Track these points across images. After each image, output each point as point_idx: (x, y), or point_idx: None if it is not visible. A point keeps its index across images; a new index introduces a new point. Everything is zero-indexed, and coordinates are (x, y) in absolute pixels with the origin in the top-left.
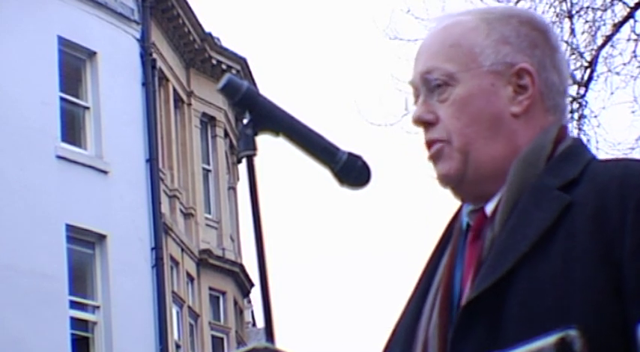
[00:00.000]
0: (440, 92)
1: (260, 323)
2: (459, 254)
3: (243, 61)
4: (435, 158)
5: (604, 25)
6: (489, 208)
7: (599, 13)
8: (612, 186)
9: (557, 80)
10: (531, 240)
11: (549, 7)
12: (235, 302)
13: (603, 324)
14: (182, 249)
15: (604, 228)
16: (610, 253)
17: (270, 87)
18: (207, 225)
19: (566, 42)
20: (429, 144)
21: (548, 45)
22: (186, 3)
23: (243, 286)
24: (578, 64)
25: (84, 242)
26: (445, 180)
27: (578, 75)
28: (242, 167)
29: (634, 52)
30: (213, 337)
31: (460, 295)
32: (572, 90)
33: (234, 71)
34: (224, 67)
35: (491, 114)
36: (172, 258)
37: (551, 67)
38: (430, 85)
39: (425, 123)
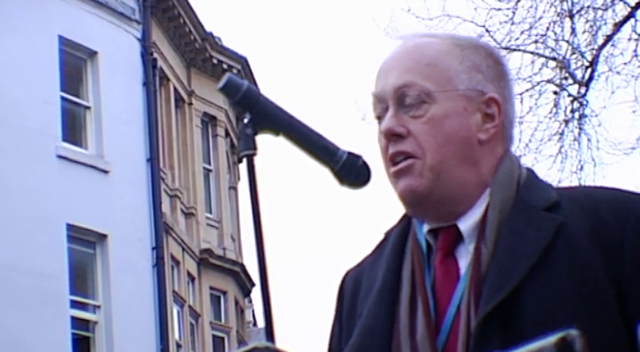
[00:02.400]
0: (415, 108)
1: (261, 322)
2: (426, 272)
3: (243, 61)
4: (402, 173)
5: (605, 24)
6: (464, 227)
7: (599, 12)
8: (602, 209)
9: (512, 112)
10: (534, 256)
11: (550, 7)
12: (236, 302)
13: (611, 334)
14: (183, 249)
15: (602, 247)
16: (610, 272)
17: (271, 86)
18: (208, 224)
19: (567, 41)
20: (396, 155)
21: (507, 78)
22: (187, 3)
23: (244, 286)
24: (579, 63)
25: (84, 241)
26: (410, 195)
27: (578, 74)
28: (243, 166)
29: (635, 51)
30: (214, 337)
31: (435, 309)
32: (573, 89)
33: (234, 71)
34: (225, 66)
35: (463, 137)
36: (173, 258)
37: (509, 99)
38: (404, 100)
39: (394, 135)
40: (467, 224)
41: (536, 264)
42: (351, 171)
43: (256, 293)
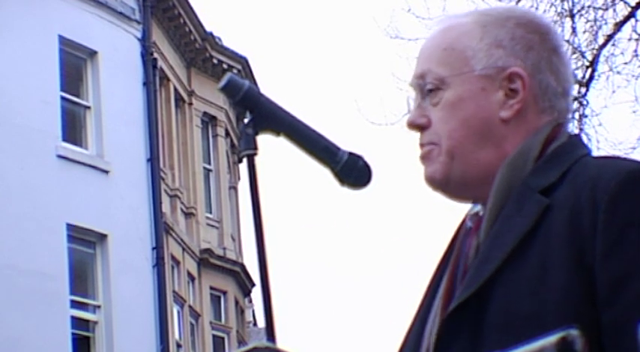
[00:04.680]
0: (432, 96)
1: (261, 322)
2: (462, 257)
3: (244, 61)
4: (423, 159)
5: (605, 24)
6: (482, 212)
7: (600, 12)
8: (586, 189)
9: (553, 82)
10: (509, 247)
11: (550, 6)
12: (236, 302)
13: (580, 328)
14: (183, 249)
15: (577, 233)
16: (583, 257)
17: (271, 86)
18: (208, 224)
19: (568, 41)
20: (421, 147)
21: (545, 47)
22: (187, 2)
23: (244, 286)
24: (580, 63)
25: (85, 241)
26: (430, 182)
27: (579, 74)
28: (243, 166)
29: (635, 51)
30: (214, 336)
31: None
32: (574, 89)
33: (235, 71)
34: (225, 66)
35: (481, 118)
36: (173, 258)
37: (547, 69)
38: (423, 89)
39: (418, 127)
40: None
41: (512, 253)
42: (352, 172)
43: (256, 293)
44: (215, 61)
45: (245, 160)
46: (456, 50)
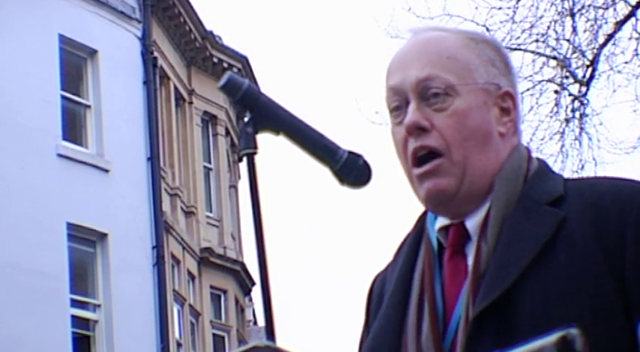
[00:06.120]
0: (438, 101)
1: (261, 321)
2: (436, 270)
3: (244, 60)
4: (431, 173)
5: (606, 23)
6: (470, 224)
7: (600, 11)
8: (605, 202)
9: (521, 106)
10: (533, 252)
11: (551, 6)
12: (236, 301)
13: (611, 330)
14: (183, 248)
15: (603, 241)
16: (611, 265)
17: (272, 85)
18: (209, 223)
19: (568, 40)
20: (419, 149)
21: (513, 72)
22: (188, 1)
23: (245, 284)
24: (580, 62)
25: (85, 240)
26: (439, 195)
27: (579, 73)
28: (243, 165)
29: (636, 50)
30: (214, 335)
31: (444, 308)
32: (574, 88)
33: (235, 70)
34: (225, 65)
35: (486, 130)
36: (173, 257)
37: (517, 93)
38: (426, 93)
39: (419, 129)
40: (474, 221)
41: (535, 260)
42: (352, 171)
43: (257, 292)
44: (215, 59)
45: (245, 159)
46: (459, 61)
